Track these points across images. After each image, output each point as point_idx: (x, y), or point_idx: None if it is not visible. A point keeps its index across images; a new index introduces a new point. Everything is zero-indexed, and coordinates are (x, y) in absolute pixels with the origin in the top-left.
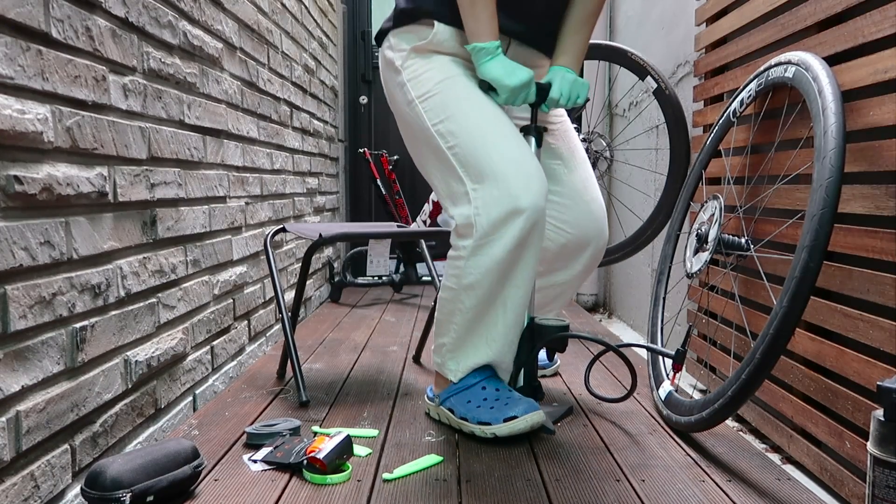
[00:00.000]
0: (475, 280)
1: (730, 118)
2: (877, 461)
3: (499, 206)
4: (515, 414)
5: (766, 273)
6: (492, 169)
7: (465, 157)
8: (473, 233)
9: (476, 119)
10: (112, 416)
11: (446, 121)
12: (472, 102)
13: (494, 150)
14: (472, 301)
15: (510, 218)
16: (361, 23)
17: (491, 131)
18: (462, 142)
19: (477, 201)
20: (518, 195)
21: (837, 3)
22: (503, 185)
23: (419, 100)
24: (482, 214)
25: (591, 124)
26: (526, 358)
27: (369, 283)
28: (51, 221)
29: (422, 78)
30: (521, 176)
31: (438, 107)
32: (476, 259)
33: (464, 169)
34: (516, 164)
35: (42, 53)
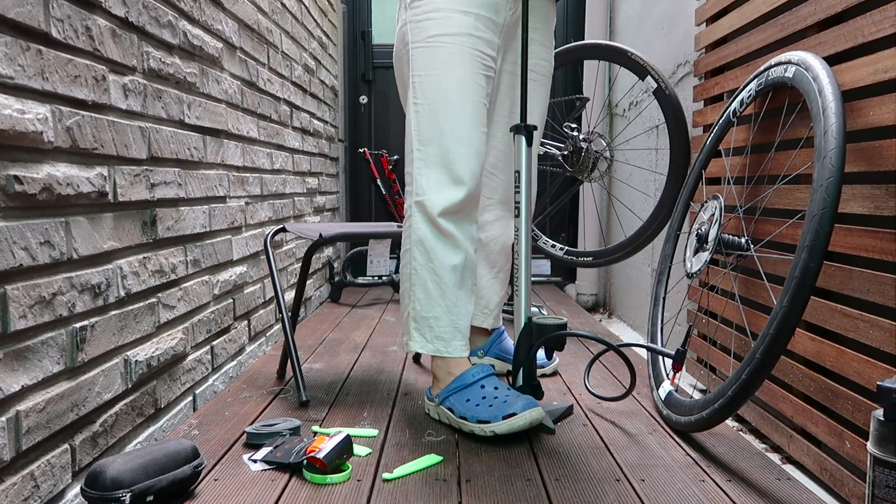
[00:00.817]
0: (423, 234)
1: (730, 118)
2: (877, 461)
3: (437, 170)
4: (514, 411)
5: (766, 273)
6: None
7: (421, 118)
8: (416, 191)
9: (447, 88)
10: (112, 415)
11: (423, 77)
12: (452, 70)
13: (447, 123)
14: (424, 257)
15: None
16: (361, 23)
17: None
18: (426, 102)
19: (419, 162)
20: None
21: (837, 3)
22: (444, 154)
23: (412, 45)
24: (422, 175)
25: (591, 124)
26: (525, 357)
27: (369, 283)
28: (51, 221)
29: (422, 24)
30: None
31: (424, 60)
32: (420, 215)
33: (417, 128)
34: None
35: (42, 53)
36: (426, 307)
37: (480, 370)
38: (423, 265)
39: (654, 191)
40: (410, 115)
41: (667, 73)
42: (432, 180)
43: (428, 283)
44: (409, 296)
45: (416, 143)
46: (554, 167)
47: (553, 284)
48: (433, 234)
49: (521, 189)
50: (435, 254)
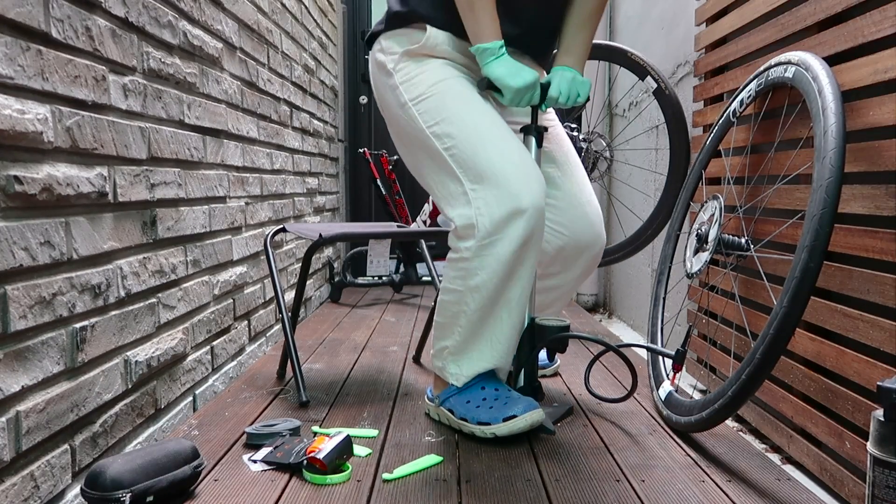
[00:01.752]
0: (481, 281)
1: (730, 118)
2: (877, 461)
3: (500, 206)
4: (515, 413)
5: (766, 273)
6: (491, 169)
7: (463, 159)
8: (476, 233)
9: (472, 121)
10: (112, 416)
11: (442, 122)
12: (468, 104)
13: (493, 151)
14: (478, 303)
15: (513, 218)
16: (361, 23)
17: (488, 132)
18: (459, 143)
19: (477, 202)
20: (519, 195)
21: (837, 3)
22: (503, 186)
23: (413, 102)
24: (484, 215)
25: (591, 124)
26: (526, 358)
27: (369, 283)
28: (51, 221)
29: (415, 80)
30: (520, 176)
31: (434, 109)
32: (481, 260)
33: (462, 170)
34: (515, 164)
35: (42, 53)
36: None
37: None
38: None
39: (654, 191)
40: (449, 164)
41: (667, 73)
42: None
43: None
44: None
45: (468, 183)
46: None
47: None
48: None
49: None
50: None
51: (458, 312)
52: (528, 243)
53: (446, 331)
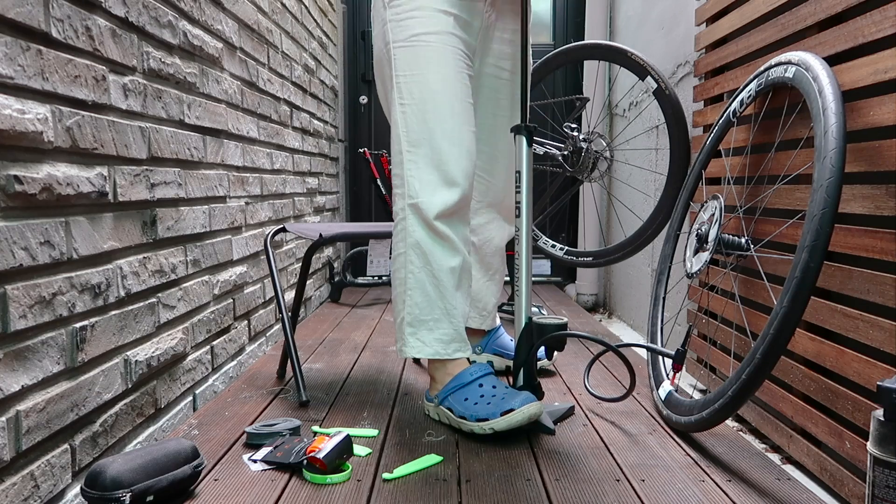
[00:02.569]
0: (420, 237)
1: (730, 118)
2: (877, 461)
3: (430, 171)
4: (512, 407)
5: (766, 273)
6: (429, 139)
7: (409, 121)
8: (405, 193)
9: (433, 87)
10: (112, 415)
11: (409, 77)
12: (439, 69)
13: (437, 124)
14: (421, 260)
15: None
16: (361, 23)
17: (442, 105)
18: (413, 103)
19: (409, 164)
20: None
21: (837, 3)
22: (435, 154)
23: (394, 45)
24: (414, 176)
25: (591, 124)
26: (525, 357)
27: (369, 283)
28: (51, 221)
29: (403, 23)
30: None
31: (408, 60)
32: (415, 217)
33: (405, 130)
34: (452, 141)
35: (42, 53)
36: (425, 310)
37: (478, 369)
38: (421, 268)
39: (654, 191)
40: (397, 116)
41: (667, 73)
42: (425, 182)
43: (427, 286)
44: (404, 300)
45: (406, 144)
46: (554, 167)
47: (553, 284)
48: (430, 237)
49: (521, 189)
50: (433, 256)
51: (405, 277)
52: (458, 213)
53: (399, 302)
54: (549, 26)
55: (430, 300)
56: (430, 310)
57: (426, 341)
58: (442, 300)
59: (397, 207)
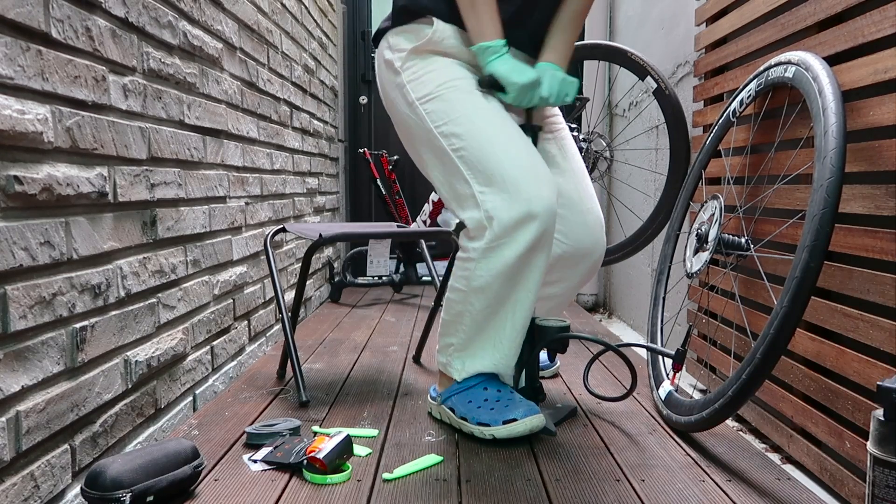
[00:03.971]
0: (486, 283)
1: (730, 118)
2: (877, 461)
3: (510, 209)
4: (515, 417)
5: (766, 273)
6: (501, 173)
7: (472, 161)
8: (485, 235)
9: (481, 121)
10: (112, 416)
11: (451, 123)
12: (477, 105)
13: (504, 154)
14: (482, 304)
15: (523, 222)
16: (361, 23)
17: (498, 134)
18: (469, 144)
19: (486, 204)
20: (530, 199)
21: (837, 3)
22: (514, 189)
23: (420, 101)
24: (493, 218)
25: (591, 124)
26: (527, 359)
27: (369, 283)
28: (51, 221)
29: (423, 79)
30: (530, 180)
31: (442, 109)
32: (487, 262)
33: (471, 172)
34: (526, 168)
35: (42, 53)
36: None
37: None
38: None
39: (654, 191)
40: (456, 164)
41: (667, 73)
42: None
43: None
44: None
45: (477, 185)
46: None
47: None
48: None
49: None
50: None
51: (462, 312)
52: (537, 248)
53: (451, 328)
54: None
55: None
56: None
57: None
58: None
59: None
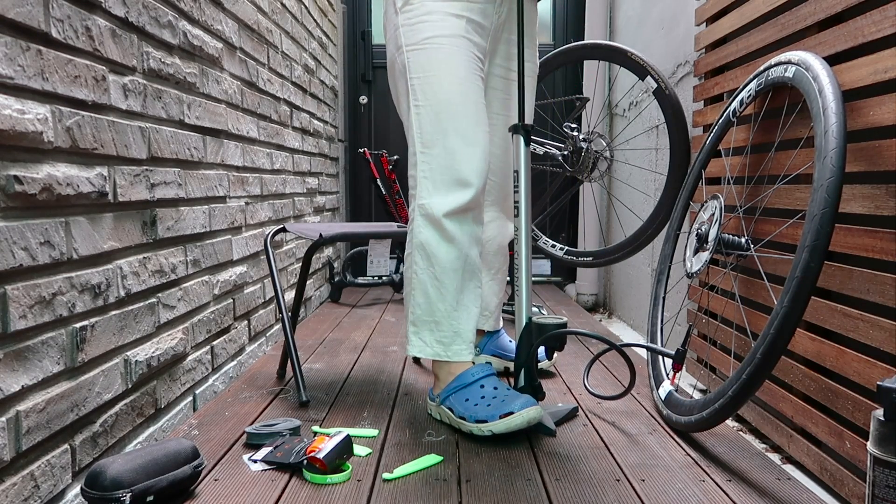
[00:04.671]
0: (424, 239)
1: (730, 118)
2: (877, 461)
3: (442, 173)
4: (512, 410)
5: (766, 273)
6: (442, 140)
7: (422, 121)
8: (417, 194)
9: (447, 88)
10: (112, 416)
11: (422, 79)
12: (452, 70)
13: (451, 124)
14: (425, 261)
15: (453, 187)
16: (361, 23)
17: (457, 105)
18: (426, 104)
19: (422, 165)
20: (461, 168)
21: (837, 3)
22: (448, 156)
23: (407, 48)
24: (427, 178)
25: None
26: (525, 357)
27: (369, 283)
28: (51, 221)
29: (415, 27)
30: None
31: (420, 62)
32: (423, 219)
33: (419, 132)
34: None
35: (42, 53)
36: (426, 311)
37: (480, 370)
38: (424, 269)
39: (654, 191)
40: (412, 119)
41: (667, 73)
42: (438, 182)
43: (428, 287)
44: (410, 300)
45: (420, 145)
46: (554, 167)
47: (553, 284)
48: (436, 238)
49: (520, 189)
50: (436, 258)
51: (410, 277)
52: (467, 213)
53: (406, 301)
54: (549, 26)
55: (431, 301)
56: (431, 311)
57: (427, 341)
58: (443, 301)
59: (410, 209)
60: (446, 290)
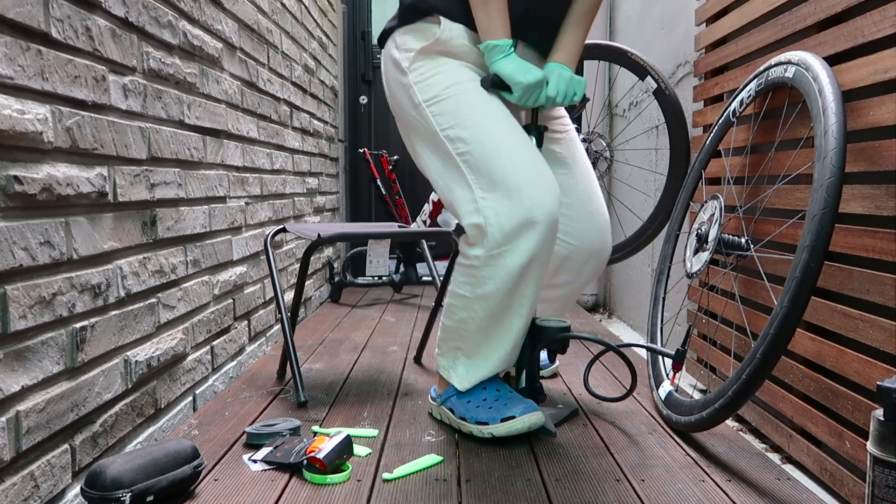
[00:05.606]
0: (489, 290)
1: (729, 118)
2: (877, 461)
3: (511, 216)
4: (513, 414)
5: (766, 273)
6: (503, 178)
7: (476, 165)
8: (485, 243)
9: (487, 126)
10: (112, 416)
11: (457, 126)
12: (484, 109)
13: (507, 159)
14: (486, 311)
15: (524, 229)
16: (361, 23)
17: (503, 139)
18: (473, 148)
19: (487, 210)
20: (532, 206)
21: (837, 3)
22: (516, 196)
23: (427, 103)
24: (494, 224)
25: (591, 124)
26: (527, 359)
27: (369, 283)
28: (51, 221)
29: (430, 81)
30: (534, 186)
31: (449, 111)
32: (490, 269)
33: (474, 176)
34: (529, 174)
35: (42, 53)
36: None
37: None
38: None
39: (654, 191)
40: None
41: (667, 73)
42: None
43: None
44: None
45: (479, 191)
46: None
47: None
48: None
49: None
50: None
51: (465, 318)
52: (539, 255)
53: (453, 334)
54: None
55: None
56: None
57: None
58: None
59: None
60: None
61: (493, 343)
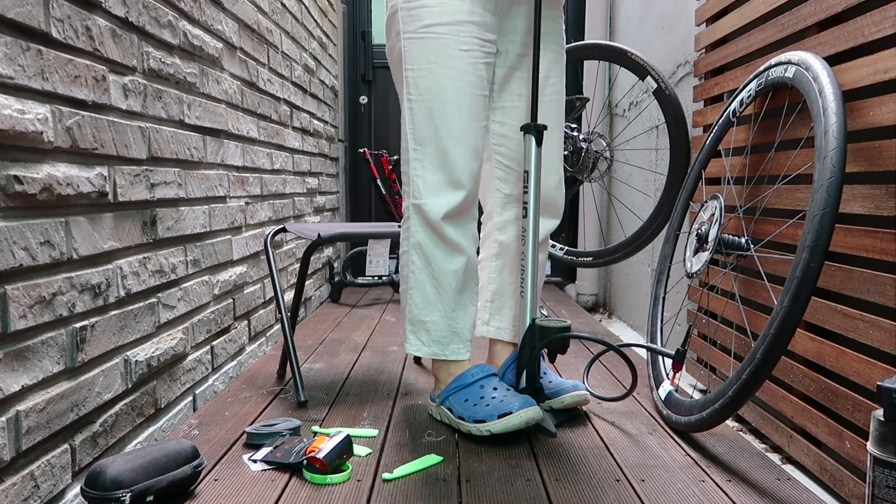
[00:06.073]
0: (421, 238)
1: (729, 118)
2: (877, 461)
3: (435, 171)
4: (510, 410)
5: (766, 273)
6: (434, 137)
7: (416, 116)
8: (411, 192)
9: (442, 83)
10: (112, 415)
11: (416, 71)
12: (448, 63)
13: (443, 121)
14: (423, 260)
15: (446, 186)
16: (361, 23)
17: (450, 101)
18: (419, 99)
19: (415, 163)
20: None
21: (837, 3)
22: (441, 153)
23: (404, 35)
24: (419, 176)
25: (591, 124)
26: (528, 360)
27: (369, 283)
28: (51, 221)
29: (415, 12)
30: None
31: (417, 53)
32: (417, 218)
33: (412, 126)
34: (459, 141)
35: (42, 53)
36: (423, 311)
37: (480, 370)
38: (422, 269)
39: (654, 191)
40: (405, 112)
41: (667, 73)
42: (430, 182)
43: (426, 286)
44: (407, 298)
45: (412, 142)
46: None
47: (553, 284)
48: (432, 239)
49: (529, 189)
50: (434, 258)
51: (408, 275)
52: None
53: (404, 299)
54: None
55: (429, 301)
56: (429, 311)
57: (424, 341)
58: (441, 302)
59: (404, 206)
60: (444, 291)
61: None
